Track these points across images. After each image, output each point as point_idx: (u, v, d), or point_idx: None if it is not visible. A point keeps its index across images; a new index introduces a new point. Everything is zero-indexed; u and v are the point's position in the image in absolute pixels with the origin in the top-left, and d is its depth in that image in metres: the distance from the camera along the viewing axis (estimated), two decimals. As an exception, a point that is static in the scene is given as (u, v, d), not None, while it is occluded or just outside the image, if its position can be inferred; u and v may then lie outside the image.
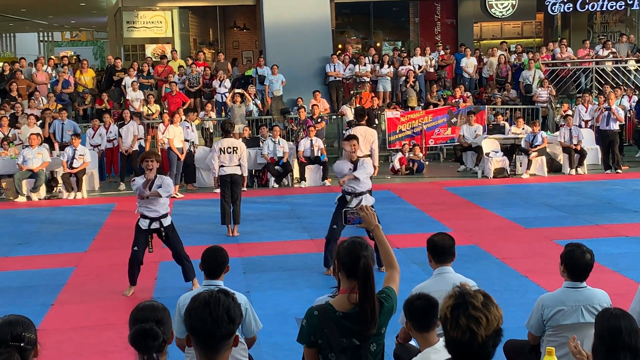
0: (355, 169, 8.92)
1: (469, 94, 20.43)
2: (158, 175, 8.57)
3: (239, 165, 11.40)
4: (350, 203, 8.79)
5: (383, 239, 4.10)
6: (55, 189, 15.91)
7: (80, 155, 15.52)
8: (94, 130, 17.15)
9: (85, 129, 17.85)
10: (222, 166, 11.32)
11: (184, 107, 18.17)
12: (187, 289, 8.17)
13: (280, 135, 16.88)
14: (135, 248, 8.50)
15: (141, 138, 16.96)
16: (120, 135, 16.60)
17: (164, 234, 8.59)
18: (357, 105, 17.61)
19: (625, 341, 3.43)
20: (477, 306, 2.79)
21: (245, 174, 11.70)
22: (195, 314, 2.78)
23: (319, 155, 16.39)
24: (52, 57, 27.40)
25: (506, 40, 24.28)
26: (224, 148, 11.39)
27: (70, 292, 8.82)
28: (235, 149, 11.34)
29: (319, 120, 17.63)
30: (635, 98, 19.71)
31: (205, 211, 13.33)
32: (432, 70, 21.77)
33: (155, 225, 8.54)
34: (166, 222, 8.60)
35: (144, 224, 8.55)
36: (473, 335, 2.75)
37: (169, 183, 8.63)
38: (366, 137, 11.54)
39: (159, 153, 17.63)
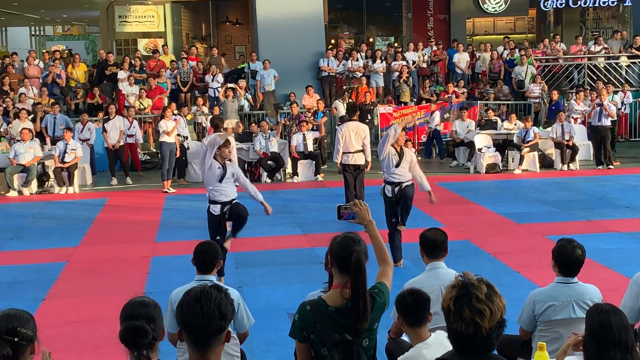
0: (400, 158, 9.11)
1: (465, 90, 20.43)
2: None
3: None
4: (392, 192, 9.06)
5: (376, 235, 4.09)
6: (46, 183, 15.84)
7: (72, 149, 15.47)
8: (83, 125, 17.08)
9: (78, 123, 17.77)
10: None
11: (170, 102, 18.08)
12: (179, 284, 8.16)
13: (273, 129, 16.85)
14: (218, 237, 8.32)
15: (130, 135, 16.86)
16: (105, 130, 16.52)
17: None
18: (350, 100, 17.58)
19: (616, 337, 3.43)
20: (480, 298, 2.74)
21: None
22: (186, 309, 2.76)
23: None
24: (44, 51, 27.28)
25: (500, 36, 24.29)
26: (215, 143, 11.34)
27: (62, 287, 8.80)
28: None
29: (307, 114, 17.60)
30: (630, 94, 19.75)
31: (197, 206, 13.23)
32: (424, 65, 21.77)
33: (227, 209, 8.48)
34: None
35: (215, 209, 8.46)
36: (477, 328, 2.71)
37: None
38: (358, 133, 11.56)
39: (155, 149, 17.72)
